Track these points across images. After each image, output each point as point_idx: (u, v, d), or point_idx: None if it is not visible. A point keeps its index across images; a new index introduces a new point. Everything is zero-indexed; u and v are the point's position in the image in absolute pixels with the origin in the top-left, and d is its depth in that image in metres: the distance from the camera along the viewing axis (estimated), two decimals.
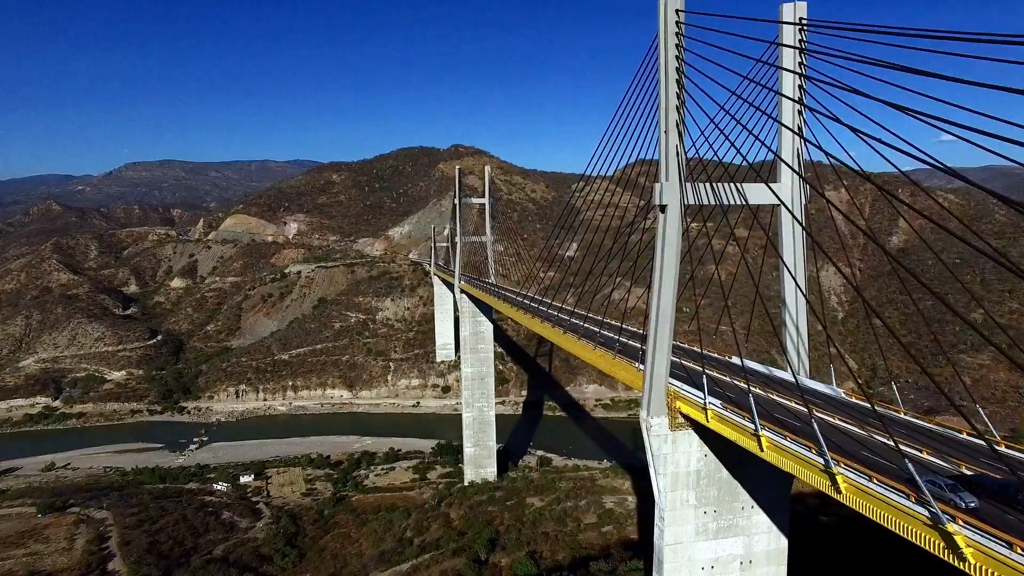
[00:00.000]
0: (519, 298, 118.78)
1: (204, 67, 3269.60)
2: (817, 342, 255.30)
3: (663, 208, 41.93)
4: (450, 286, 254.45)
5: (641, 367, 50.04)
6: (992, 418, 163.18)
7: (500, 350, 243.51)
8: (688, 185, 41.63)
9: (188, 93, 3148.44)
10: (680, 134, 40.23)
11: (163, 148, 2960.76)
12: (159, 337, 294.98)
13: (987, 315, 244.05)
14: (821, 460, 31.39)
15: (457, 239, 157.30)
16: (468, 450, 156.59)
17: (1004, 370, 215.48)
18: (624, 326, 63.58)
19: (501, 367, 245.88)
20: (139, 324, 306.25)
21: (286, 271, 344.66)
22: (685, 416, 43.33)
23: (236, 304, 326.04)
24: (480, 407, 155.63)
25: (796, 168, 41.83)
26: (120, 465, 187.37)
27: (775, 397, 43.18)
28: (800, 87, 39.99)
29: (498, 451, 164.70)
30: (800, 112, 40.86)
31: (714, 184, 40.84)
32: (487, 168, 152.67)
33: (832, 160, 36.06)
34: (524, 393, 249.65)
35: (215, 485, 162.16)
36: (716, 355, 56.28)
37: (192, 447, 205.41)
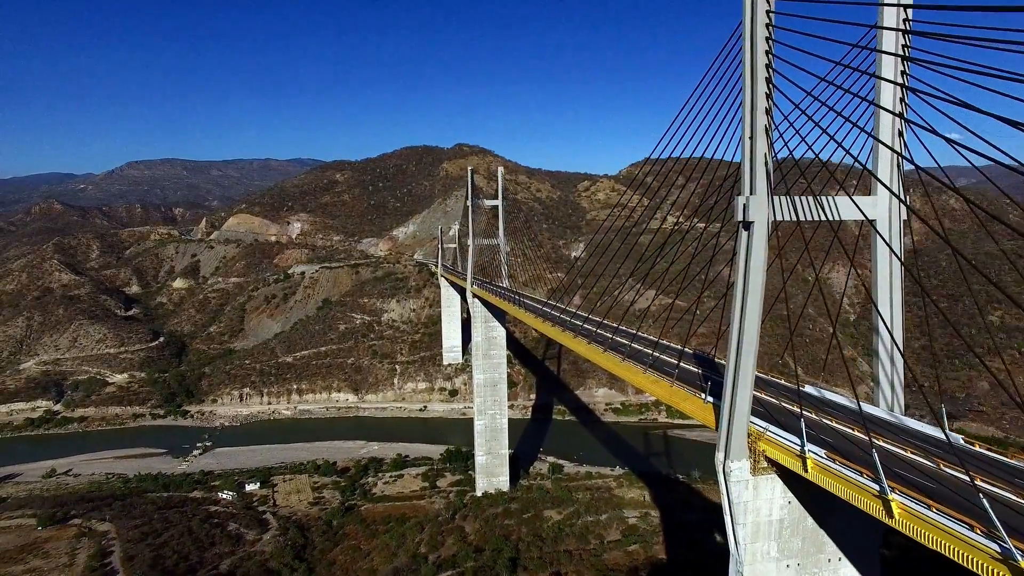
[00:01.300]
0: (540, 306, 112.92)
1: (205, 65, 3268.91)
2: (832, 345, 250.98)
3: (747, 226, 36.71)
4: (459, 288, 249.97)
5: (709, 399, 45.12)
6: (1013, 424, 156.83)
7: (508, 352, 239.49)
8: (778, 198, 36.45)
9: (189, 91, 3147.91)
10: (769, 139, 35.51)
11: (164, 146, 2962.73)
12: (161, 339, 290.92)
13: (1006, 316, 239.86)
14: (996, 547, 24.87)
15: (469, 242, 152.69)
16: (480, 459, 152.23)
17: None
18: (685, 349, 57.88)
19: (509, 370, 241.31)
20: (141, 325, 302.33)
21: (289, 272, 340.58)
22: (770, 460, 38.58)
23: (239, 305, 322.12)
24: (492, 414, 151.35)
25: (894, 178, 37.13)
26: (123, 471, 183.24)
27: (884, 444, 37.56)
28: (902, 86, 35.08)
29: (509, 458, 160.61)
30: (901, 114, 35.96)
31: (816, 196, 35.76)
32: (500, 169, 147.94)
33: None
34: (532, 397, 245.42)
35: (220, 494, 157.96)
36: (784, 382, 50.55)
37: (196, 452, 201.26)
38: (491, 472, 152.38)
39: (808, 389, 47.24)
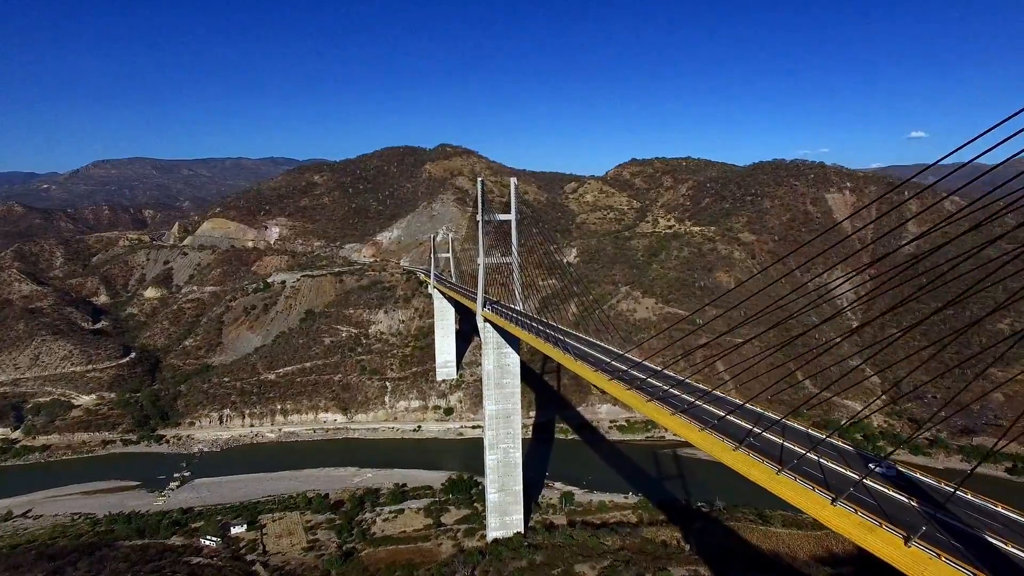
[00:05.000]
0: (584, 346, 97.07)
1: (176, 62, 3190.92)
2: (837, 354, 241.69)
3: None
4: (453, 301, 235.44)
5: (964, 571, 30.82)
6: None
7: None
8: None
9: (158, 87, 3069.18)
10: None
11: (132, 145, 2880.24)
12: (133, 355, 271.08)
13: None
14: None
15: (480, 260, 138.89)
16: (491, 496, 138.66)
17: None
18: (809, 432, 42.22)
19: None
20: (110, 340, 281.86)
21: (269, 280, 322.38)
22: None
23: (216, 317, 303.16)
24: (505, 448, 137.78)
25: None
26: (91, 511, 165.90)
27: None
28: None
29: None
30: None
31: None
32: (513, 180, 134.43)
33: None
34: (532, 414, 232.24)
35: (203, 539, 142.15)
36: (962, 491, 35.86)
37: (173, 485, 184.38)
38: (504, 511, 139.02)
39: None
